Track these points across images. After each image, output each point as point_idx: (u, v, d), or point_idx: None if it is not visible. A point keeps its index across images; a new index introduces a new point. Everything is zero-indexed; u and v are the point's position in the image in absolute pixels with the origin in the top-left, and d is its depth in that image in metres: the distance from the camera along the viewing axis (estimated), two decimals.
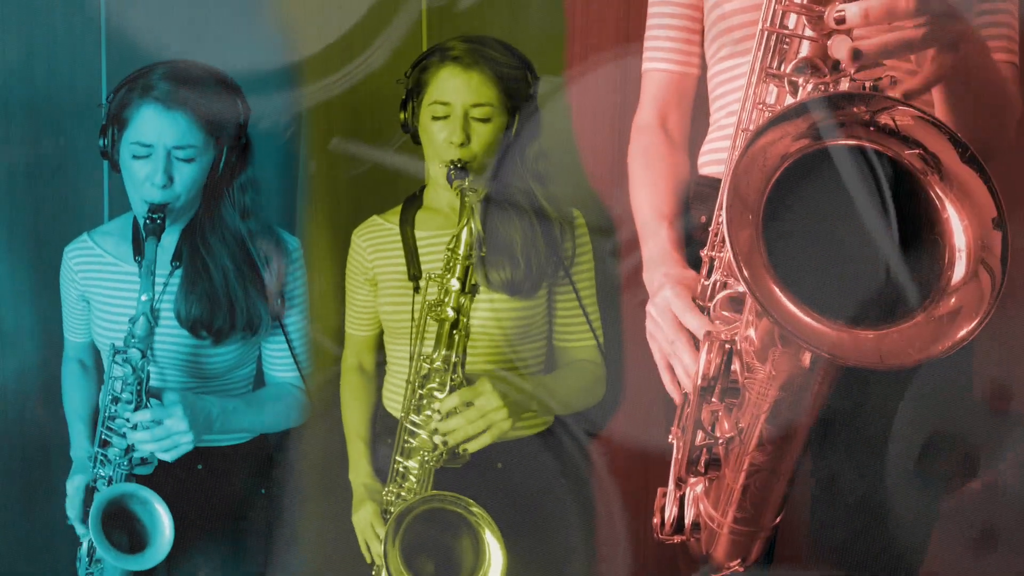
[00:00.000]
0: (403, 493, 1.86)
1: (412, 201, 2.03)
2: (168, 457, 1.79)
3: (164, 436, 1.76)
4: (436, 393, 1.80)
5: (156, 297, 1.86)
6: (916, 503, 1.37)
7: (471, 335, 1.84)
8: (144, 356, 1.78)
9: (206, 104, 1.84)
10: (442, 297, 1.80)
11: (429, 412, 1.81)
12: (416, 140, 1.98)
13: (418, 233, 1.98)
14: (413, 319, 1.90)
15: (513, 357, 1.95)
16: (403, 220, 2.00)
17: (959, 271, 0.98)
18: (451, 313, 1.79)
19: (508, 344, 1.94)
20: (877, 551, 1.42)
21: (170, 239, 1.94)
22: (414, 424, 1.84)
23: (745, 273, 0.94)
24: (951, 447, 1.34)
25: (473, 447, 1.79)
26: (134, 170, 1.83)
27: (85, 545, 1.93)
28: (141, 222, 1.83)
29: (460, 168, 1.83)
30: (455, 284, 1.78)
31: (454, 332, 1.79)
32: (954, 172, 0.99)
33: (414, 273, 1.95)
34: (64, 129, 2.24)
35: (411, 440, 1.85)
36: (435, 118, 1.89)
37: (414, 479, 1.84)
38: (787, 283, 0.97)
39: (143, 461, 1.84)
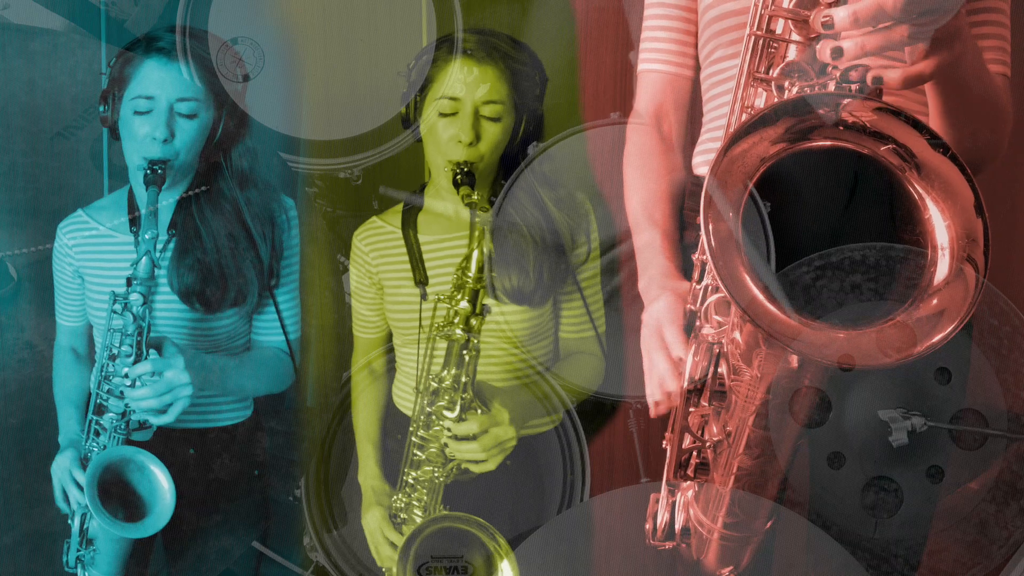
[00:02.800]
0: (413, 502, 1.86)
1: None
2: (167, 417, 1.75)
3: (165, 389, 1.72)
4: (446, 412, 1.78)
5: (160, 241, 1.83)
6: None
7: (481, 340, 1.80)
8: (145, 302, 1.75)
9: (208, 59, 1.83)
10: (452, 318, 1.75)
11: (438, 427, 1.80)
12: (418, 137, 1.90)
13: (422, 238, 1.92)
14: (420, 325, 1.88)
15: (524, 356, 1.94)
16: (405, 223, 1.94)
17: (942, 270, 0.98)
18: (461, 334, 1.75)
19: (518, 346, 1.92)
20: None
21: (166, 209, 1.92)
22: (423, 439, 1.82)
23: (723, 274, 0.94)
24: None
25: (480, 469, 1.78)
26: (135, 127, 1.81)
27: (76, 524, 1.88)
28: (140, 177, 1.81)
29: (466, 172, 1.76)
30: (465, 305, 1.74)
31: (464, 352, 1.76)
32: (930, 163, 0.99)
33: (420, 279, 1.90)
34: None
35: (419, 453, 1.84)
36: (442, 114, 1.80)
37: (424, 490, 1.85)
38: (766, 281, 0.97)
39: (140, 426, 1.80)
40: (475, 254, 1.72)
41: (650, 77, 1.62)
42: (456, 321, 1.75)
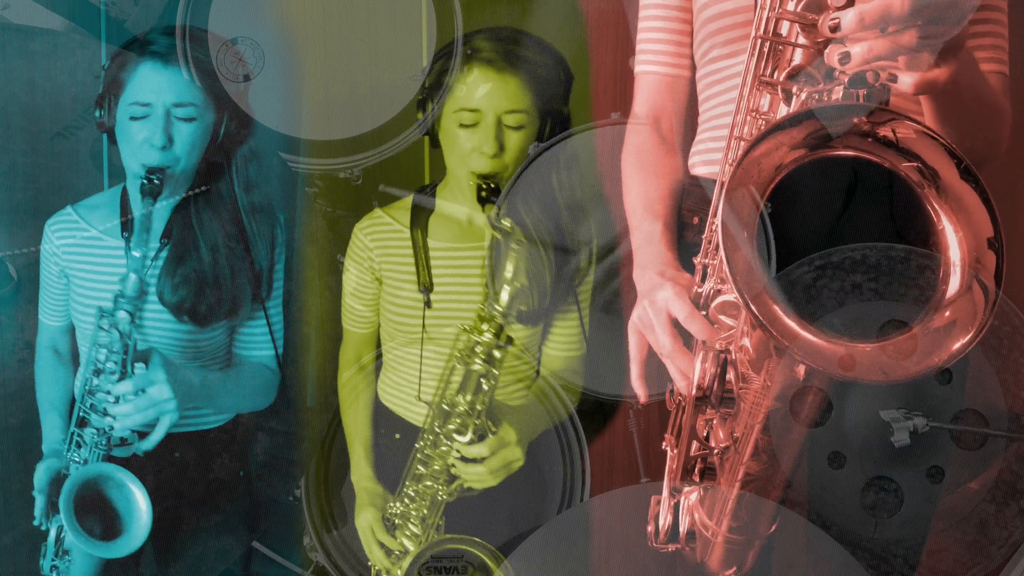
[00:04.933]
0: (410, 511, 1.86)
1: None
2: (153, 436, 1.72)
3: (148, 406, 1.69)
4: (457, 436, 1.77)
5: (149, 259, 1.80)
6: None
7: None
8: (133, 320, 1.70)
9: (207, 61, 1.79)
10: (473, 346, 1.73)
11: (446, 447, 1.79)
12: (435, 143, 1.85)
13: (431, 243, 1.88)
14: (425, 330, 1.86)
15: (526, 359, 1.93)
16: (414, 223, 1.90)
17: (953, 284, 0.98)
18: (481, 365, 1.73)
19: (517, 353, 1.91)
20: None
21: (161, 215, 1.88)
22: (428, 456, 1.82)
23: (742, 288, 0.94)
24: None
25: (483, 485, 1.79)
26: (131, 133, 1.77)
27: (52, 534, 1.86)
28: (136, 186, 1.76)
29: (493, 189, 1.71)
30: (489, 338, 1.71)
31: (482, 380, 1.74)
32: (951, 186, 0.99)
33: (424, 285, 1.86)
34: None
35: (422, 468, 1.83)
36: (463, 125, 1.76)
37: (423, 503, 1.84)
38: (783, 296, 0.97)
39: (122, 441, 1.77)
40: (506, 288, 1.68)
41: (648, 79, 1.61)
42: (478, 351, 1.73)
